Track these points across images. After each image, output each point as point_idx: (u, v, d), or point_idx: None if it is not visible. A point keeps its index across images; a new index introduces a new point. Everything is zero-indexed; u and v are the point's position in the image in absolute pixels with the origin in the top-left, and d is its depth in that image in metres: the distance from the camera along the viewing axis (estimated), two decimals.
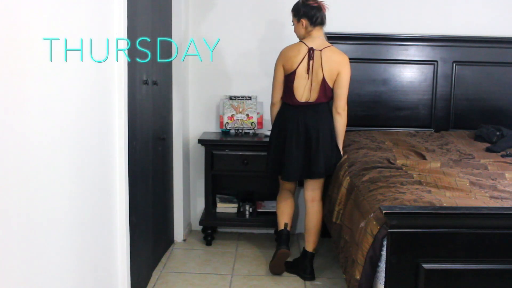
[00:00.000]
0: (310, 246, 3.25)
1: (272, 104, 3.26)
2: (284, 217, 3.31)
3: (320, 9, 3.09)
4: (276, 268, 3.26)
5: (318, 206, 3.24)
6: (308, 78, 3.06)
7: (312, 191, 3.24)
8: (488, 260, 2.04)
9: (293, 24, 3.18)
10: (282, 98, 3.18)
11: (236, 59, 3.91)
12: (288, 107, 3.15)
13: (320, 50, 3.05)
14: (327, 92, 3.09)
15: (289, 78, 3.10)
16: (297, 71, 3.06)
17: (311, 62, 3.04)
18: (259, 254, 3.61)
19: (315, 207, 3.24)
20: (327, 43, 3.11)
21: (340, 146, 3.23)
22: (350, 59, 3.83)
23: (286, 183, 3.30)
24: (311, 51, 3.04)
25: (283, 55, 3.13)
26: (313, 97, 3.09)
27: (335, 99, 3.11)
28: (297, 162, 3.10)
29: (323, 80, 3.05)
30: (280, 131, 3.15)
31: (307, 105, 3.10)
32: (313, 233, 3.24)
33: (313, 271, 3.24)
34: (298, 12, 3.12)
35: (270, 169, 3.23)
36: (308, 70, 3.04)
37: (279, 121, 3.18)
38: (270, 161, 3.21)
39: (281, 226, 3.30)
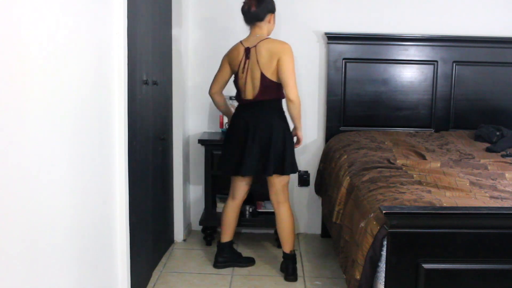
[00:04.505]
0: (286, 248, 3.23)
1: (211, 94, 3.28)
2: (229, 230, 3.33)
3: (245, 6, 3.05)
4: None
5: (284, 207, 3.20)
6: (245, 78, 3.06)
7: (275, 194, 3.19)
8: (488, 260, 2.04)
9: None
10: (235, 97, 3.23)
11: None
12: (238, 106, 3.19)
13: (255, 46, 3.03)
14: (269, 88, 3.03)
15: (234, 80, 3.17)
16: (238, 72, 3.09)
17: (247, 61, 3.04)
18: (259, 254, 3.60)
19: (280, 208, 3.20)
20: (263, 37, 3.06)
21: (299, 132, 3.19)
22: (350, 59, 3.87)
23: (232, 184, 3.27)
24: (247, 51, 3.04)
25: (228, 55, 3.17)
26: (256, 94, 3.05)
27: (283, 88, 3.03)
28: (231, 156, 3.11)
29: (262, 76, 3.01)
30: (228, 129, 3.23)
31: (250, 103, 3.09)
32: (286, 235, 3.22)
33: (295, 271, 3.23)
34: None
35: (218, 164, 3.31)
36: (243, 70, 3.06)
37: (231, 119, 3.25)
38: (221, 157, 3.25)
39: (223, 239, 3.34)
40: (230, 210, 3.31)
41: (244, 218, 3.78)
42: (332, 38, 3.83)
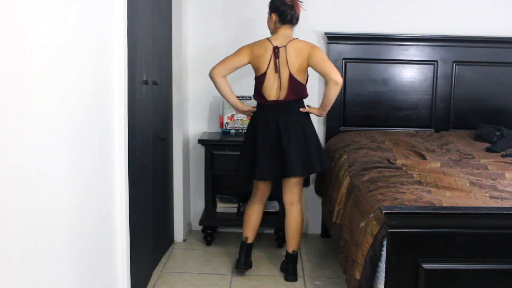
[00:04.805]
0: (290, 248, 3.22)
1: (212, 74, 3.11)
2: (247, 228, 3.29)
3: (292, 7, 3.02)
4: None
5: (297, 209, 3.20)
6: (276, 77, 3.03)
7: (290, 193, 3.19)
8: (488, 260, 2.04)
9: (267, 17, 3.15)
10: (255, 98, 3.15)
11: None
12: (261, 107, 3.12)
13: (285, 46, 3.01)
14: (296, 88, 3.04)
15: (258, 80, 3.07)
16: (268, 71, 3.03)
17: (277, 61, 3.00)
18: (259, 254, 3.60)
19: (293, 209, 3.20)
20: (291, 38, 3.05)
21: (324, 113, 3.20)
22: (350, 59, 3.88)
23: (260, 187, 3.25)
24: (276, 49, 3.00)
25: (251, 50, 3.06)
26: (282, 95, 3.05)
27: (326, 75, 3.00)
28: (269, 161, 3.05)
29: (290, 76, 3.01)
30: (252, 131, 3.12)
31: (277, 103, 3.06)
32: (293, 236, 3.20)
33: (295, 272, 3.22)
34: (271, 6, 3.08)
35: (242, 170, 3.14)
36: (275, 69, 3.01)
37: (252, 120, 3.16)
38: (243, 161, 3.15)
39: (243, 238, 3.30)
40: (258, 211, 3.28)
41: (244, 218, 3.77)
42: (332, 38, 3.83)
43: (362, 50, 3.86)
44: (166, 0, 3.39)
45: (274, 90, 3.05)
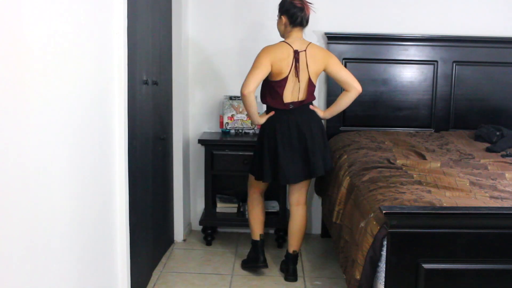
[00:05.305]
0: (291, 248, 3.22)
1: (248, 94, 2.93)
2: (258, 226, 3.29)
3: (302, 9, 3.00)
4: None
5: (302, 210, 3.21)
6: (296, 81, 3.01)
7: (299, 193, 3.20)
8: (488, 260, 2.04)
9: (276, 19, 3.13)
10: (268, 102, 3.10)
11: (236, 59, 3.91)
12: (280, 111, 3.05)
13: (304, 51, 3.00)
14: (312, 91, 3.10)
15: (278, 84, 3.01)
16: (289, 75, 2.98)
17: (297, 65, 2.98)
18: None
19: (300, 210, 3.21)
20: (307, 42, 3.05)
21: (329, 115, 3.21)
22: (350, 59, 3.88)
23: (261, 186, 3.25)
24: (296, 53, 2.98)
25: (272, 54, 2.97)
26: (301, 97, 3.05)
27: (347, 84, 3.03)
28: (291, 164, 3.03)
29: (309, 80, 3.03)
30: (270, 135, 3.06)
31: (298, 105, 3.05)
32: (297, 236, 3.21)
33: (295, 272, 3.23)
34: (281, 8, 3.06)
35: (266, 175, 3.07)
36: (296, 73, 2.99)
37: (268, 124, 3.09)
38: (265, 166, 3.07)
39: (257, 237, 3.29)
40: (262, 207, 3.31)
41: (244, 218, 3.78)
42: (332, 38, 3.83)
43: (362, 50, 3.86)
44: (166, 0, 3.39)
45: (292, 94, 3.04)
